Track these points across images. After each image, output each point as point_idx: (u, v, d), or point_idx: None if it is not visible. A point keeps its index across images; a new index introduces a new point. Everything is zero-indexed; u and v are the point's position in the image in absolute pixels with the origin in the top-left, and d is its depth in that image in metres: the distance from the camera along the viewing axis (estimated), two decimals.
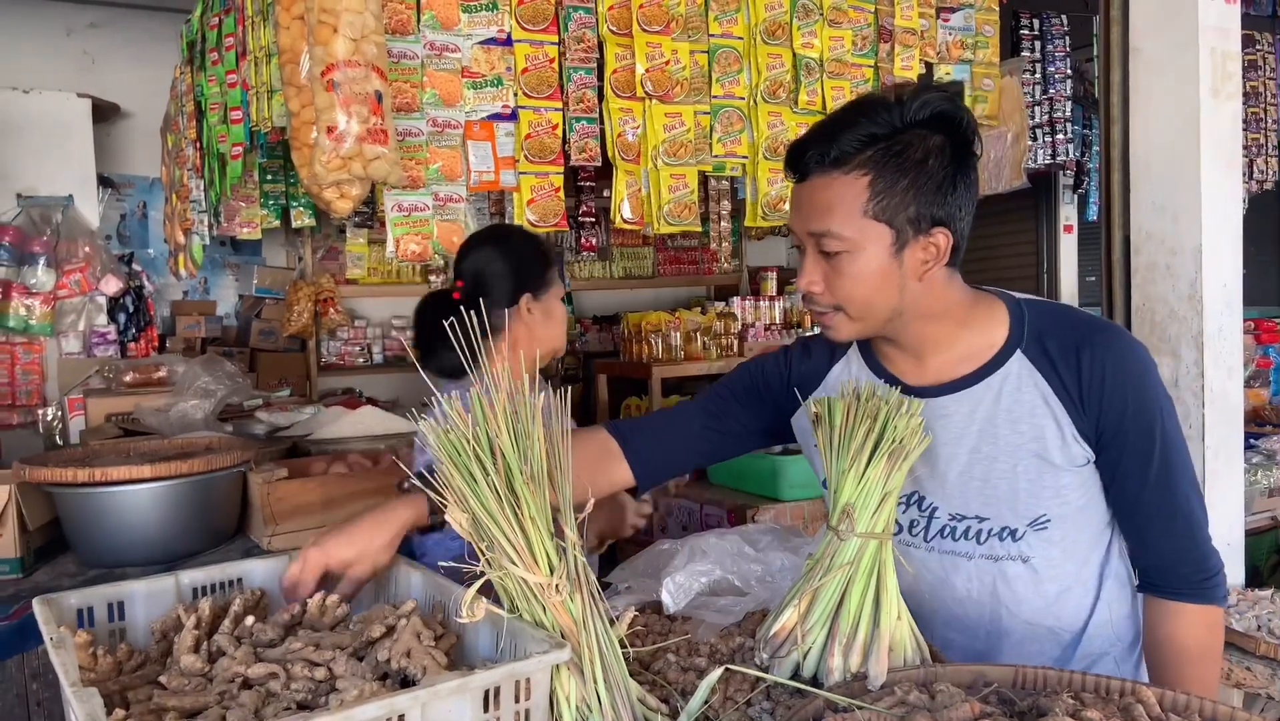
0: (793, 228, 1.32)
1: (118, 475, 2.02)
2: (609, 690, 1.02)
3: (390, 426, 2.97)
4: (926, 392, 1.34)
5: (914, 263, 1.26)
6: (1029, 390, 1.30)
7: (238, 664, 0.98)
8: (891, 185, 1.22)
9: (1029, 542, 1.34)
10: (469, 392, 1.07)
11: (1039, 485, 1.31)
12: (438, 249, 2.21)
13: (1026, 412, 1.30)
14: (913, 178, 1.22)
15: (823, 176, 1.25)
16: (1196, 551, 1.33)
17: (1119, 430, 1.29)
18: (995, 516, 1.34)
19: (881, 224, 1.23)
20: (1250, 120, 4.68)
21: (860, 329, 1.32)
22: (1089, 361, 1.27)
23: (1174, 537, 1.32)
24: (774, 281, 6.09)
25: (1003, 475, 1.32)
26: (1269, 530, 3.49)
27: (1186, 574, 1.33)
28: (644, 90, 2.35)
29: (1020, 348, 1.32)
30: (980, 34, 2.95)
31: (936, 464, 1.35)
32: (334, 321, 5.51)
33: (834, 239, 1.24)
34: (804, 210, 1.28)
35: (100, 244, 4.70)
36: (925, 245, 1.26)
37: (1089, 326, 1.32)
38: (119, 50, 5.11)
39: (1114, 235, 2.77)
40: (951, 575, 1.39)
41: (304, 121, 1.92)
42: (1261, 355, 4.47)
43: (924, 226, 1.24)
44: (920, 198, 1.23)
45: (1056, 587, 1.37)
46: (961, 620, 1.40)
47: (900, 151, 1.22)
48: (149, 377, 3.69)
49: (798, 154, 1.28)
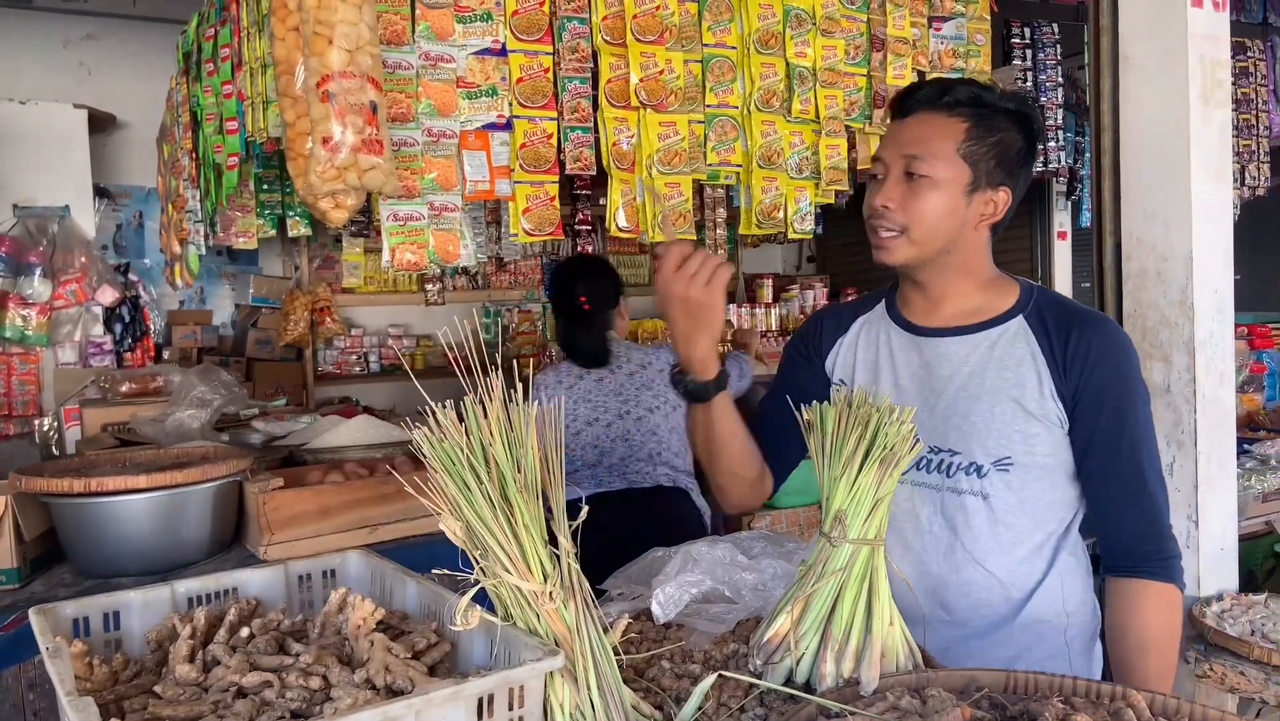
0: (881, 155, 1.49)
1: (113, 485, 2.02)
2: (603, 697, 1.02)
3: (386, 435, 2.97)
4: (931, 333, 1.52)
5: (976, 210, 1.45)
6: (1021, 346, 1.46)
7: (232, 672, 0.99)
8: (981, 137, 1.43)
9: (991, 481, 1.45)
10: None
11: (1010, 427, 1.44)
12: (433, 258, 2.22)
13: (1014, 363, 1.45)
14: (998, 139, 1.44)
15: (928, 113, 1.45)
16: (1160, 531, 1.44)
17: (1096, 403, 1.42)
18: (965, 451, 1.47)
19: (966, 165, 1.42)
20: (1241, 127, 4.70)
21: (915, 254, 1.46)
22: (1078, 337, 1.42)
23: (1140, 514, 1.44)
24: (770, 288, 6.11)
25: (980, 414, 1.46)
26: (1264, 535, 3.49)
27: (1150, 551, 1.44)
28: (638, 99, 2.37)
29: (1023, 313, 1.48)
30: (972, 43, 2.97)
31: (928, 397, 1.50)
32: (330, 330, 5.51)
33: (925, 162, 1.42)
34: (901, 138, 1.46)
35: (96, 254, 4.70)
36: (989, 199, 1.45)
37: (1085, 312, 1.48)
38: (115, 61, 5.13)
39: (1105, 242, 2.78)
40: (919, 507, 1.51)
41: (299, 132, 1.93)
42: (1255, 360, 4.48)
43: (995, 181, 1.44)
44: (999, 157, 1.44)
45: (1011, 536, 1.47)
46: (920, 554, 1.52)
47: (992, 117, 1.44)
48: (145, 387, 3.69)
49: (906, 96, 1.50)
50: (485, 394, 1.05)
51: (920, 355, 1.53)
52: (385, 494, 2.35)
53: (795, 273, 7.37)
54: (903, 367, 1.54)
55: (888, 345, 1.58)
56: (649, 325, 5.01)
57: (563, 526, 1.07)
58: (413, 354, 5.83)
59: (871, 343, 1.60)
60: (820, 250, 7.38)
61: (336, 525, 2.28)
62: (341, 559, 1.37)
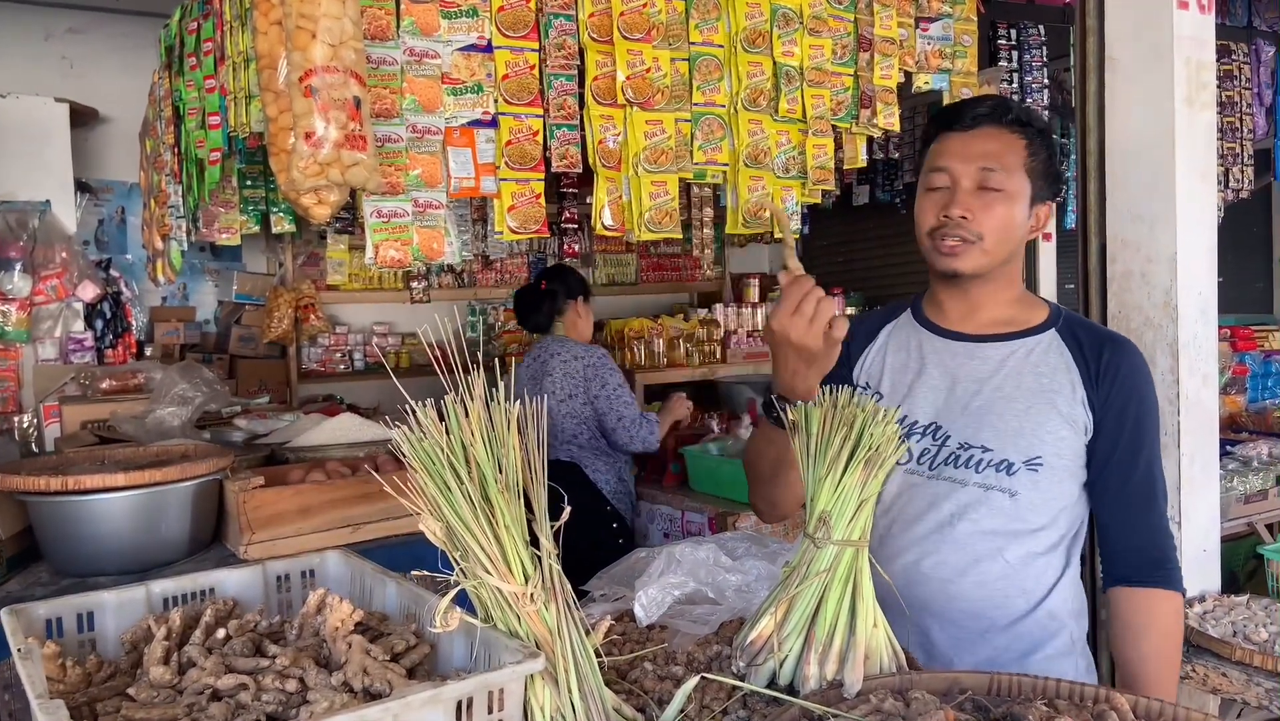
0: (946, 165, 1.52)
1: (91, 483, 2.00)
2: (584, 700, 1.01)
3: (369, 433, 2.95)
4: (966, 338, 1.59)
5: (1029, 223, 1.54)
6: (1055, 356, 1.54)
7: (207, 675, 0.97)
8: (1037, 154, 1.52)
9: (1019, 479, 1.50)
10: None
11: (1043, 428, 1.50)
12: (417, 255, 2.20)
13: (1050, 370, 1.53)
14: (1046, 156, 1.54)
15: (993, 128, 1.52)
16: (1166, 542, 1.53)
17: (1120, 418, 1.50)
18: (998, 449, 1.51)
19: (1029, 180, 1.51)
20: (1225, 129, 4.73)
21: (985, 263, 1.52)
22: (1110, 355, 1.51)
23: (1150, 524, 1.52)
24: (756, 288, 6.10)
25: (1015, 413, 1.51)
26: (1245, 536, 3.52)
27: (1159, 559, 1.51)
28: (625, 97, 2.35)
29: (1055, 327, 1.56)
30: (959, 44, 2.97)
31: (961, 396, 1.55)
32: (315, 328, 5.47)
33: (1000, 175, 1.49)
34: (971, 151, 1.51)
35: (78, 249, 4.65)
36: (1039, 213, 1.55)
37: (1113, 334, 1.60)
38: (98, 55, 5.07)
39: (1090, 244, 2.78)
40: (942, 501, 1.53)
41: (282, 127, 1.90)
42: (1238, 362, 4.51)
43: (1044, 196, 1.54)
44: (1046, 174, 1.53)
45: (1031, 534, 1.51)
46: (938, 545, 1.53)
47: (1037, 136, 1.53)
48: (126, 384, 3.66)
49: (967, 109, 1.55)
50: (466, 392, 1.04)
51: (954, 358, 1.59)
52: (367, 493, 2.33)
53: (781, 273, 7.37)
54: (935, 368, 1.59)
55: (919, 349, 1.63)
56: (636, 325, 4.99)
57: (544, 527, 1.06)
58: (397, 352, 5.80)
59: (901, 346, 1.66)
60: (807, 250, 7.38)
61: (317, 524, 2.27)
62: (320, 559, 1.35)
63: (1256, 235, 6.41)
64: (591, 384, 3.37)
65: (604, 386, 3.34)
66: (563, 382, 3.41)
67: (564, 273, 3.76)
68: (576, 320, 3.62)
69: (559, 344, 3.52)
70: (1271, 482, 3.53)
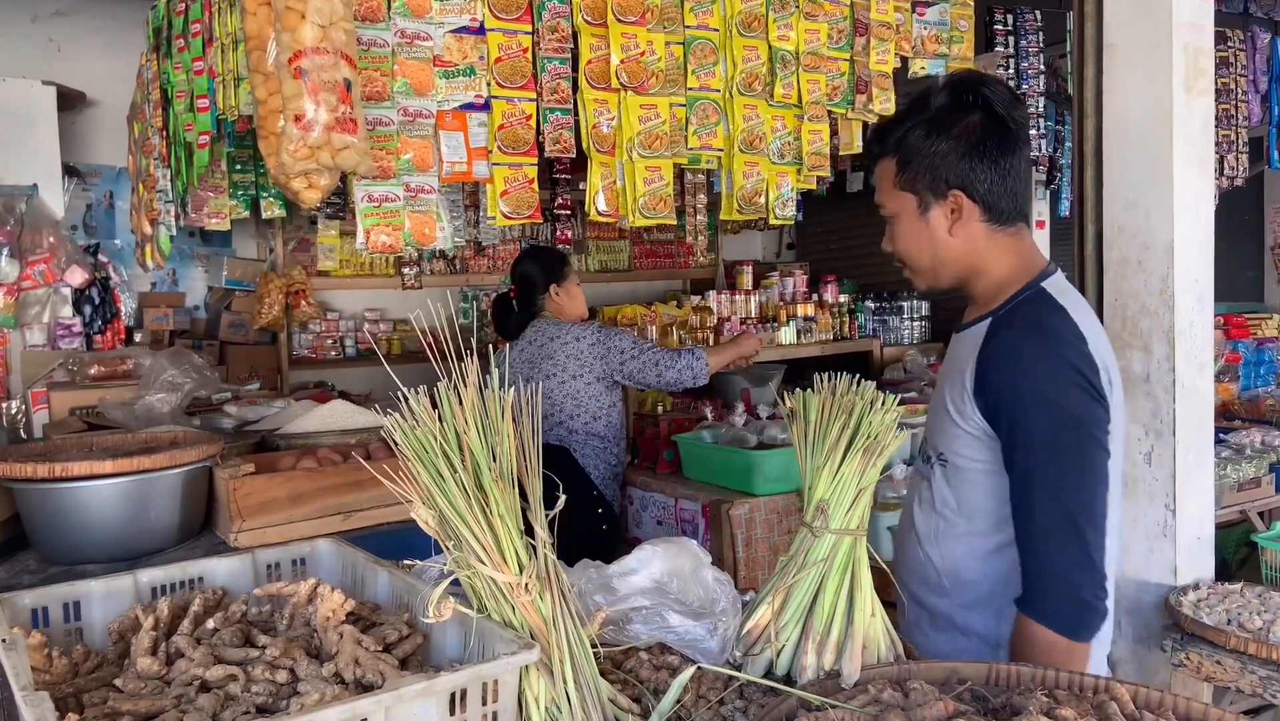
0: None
1: (79, 470, 1.97)
2: (579, 690, 1.00)
3: (360, 420, 2.93)
4: (958, 329, 1.60)
5: (940, 222, 1.49)
6: (969, 348, 1.47)
7: (196, 666, 0.95)
8: (909, 162, 1.49)
9: (935, 472, 1.54)
10: None
11: (945, 424, 1.50)
12: (409, 240, 2.17)
13: (960, 363, 1.49)
14: (926, 153, 1.47)
15: (878, 162, 1.57)
16: (1052, 571, 1.33)
17: (996, 419, 1.39)
18: (930, 441, 1.58)
19: (907, 193, 1.50)
20: (1221, 117, 4.71)
21: (923, 281, 1.57)
22: (996, 342, 1.42)
23: (1027, 552, 1.36)
24: (750, 275, 6.08)
25: (935, 409, 1.58)
26: (1238, 523, 3.53)
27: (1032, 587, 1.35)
28: (619, 81, 2.33)
29: (994, 315, 1.48)
30: (955, 29, 2.95)
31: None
32: (306, 314, 5.44)
33: (883, 207, 1.56)
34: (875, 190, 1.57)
35: (65, 234, 4.60)
36: (946, 208, 1.49)
37: (1027, 315, 1.44)
38: (85, 37, 5.01)
39: (1086, 230, 2.77)
40: (913, 489, 1.64)
41: (271, 110, 1.87)
42: (1231, 350, 4.51)
43: (942, 191, 1.48)
44: (936, 168, 1.47)
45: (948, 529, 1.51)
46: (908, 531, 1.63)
47: (921, 134, 1.47)
48: (115, 370, 3.63)
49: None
50: (460, 379, 1.02)
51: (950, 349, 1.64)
52: (359, 480, 2.31)
53: (775, 259, 7.35)
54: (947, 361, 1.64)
55: None
56: (629, 311, 4.97)
57: (539, 516, 1.04)
58: (389, 338, 5.76)
59: None
60: (800, 237, 7.36)
61: (309, 512, 2.24)
62: (311, 547, 1.33)
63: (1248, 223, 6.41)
64: (610, 358, 3.23)
65: (623, 353, 3.21)
66: (566, 363, 3.24)
67: (528, 264, 3.50)
68: (562, 305, 3.43)
69: (555, 326, 3.36)
70: (1264, 470, 3.54)
